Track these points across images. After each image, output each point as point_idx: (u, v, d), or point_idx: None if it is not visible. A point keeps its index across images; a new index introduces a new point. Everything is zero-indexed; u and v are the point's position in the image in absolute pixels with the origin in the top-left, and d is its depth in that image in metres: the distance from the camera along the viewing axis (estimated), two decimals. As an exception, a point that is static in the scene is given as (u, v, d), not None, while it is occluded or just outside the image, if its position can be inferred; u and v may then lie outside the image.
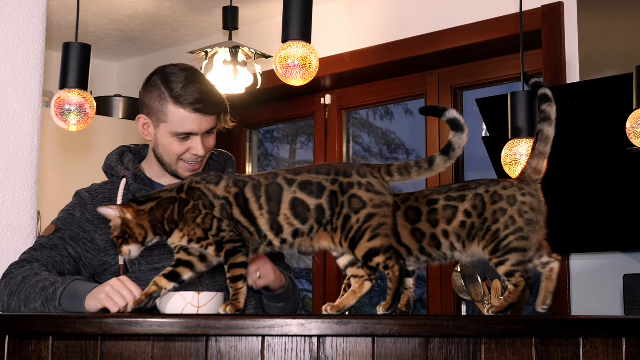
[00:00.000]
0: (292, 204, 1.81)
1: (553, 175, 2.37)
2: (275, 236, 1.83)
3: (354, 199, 1.80)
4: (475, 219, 1.85)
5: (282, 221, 1.81)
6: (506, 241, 1.83)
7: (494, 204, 1.85)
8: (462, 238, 1.86)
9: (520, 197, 1.85)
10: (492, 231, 1.84)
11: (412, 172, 1.83)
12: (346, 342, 1.65)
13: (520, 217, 1.84)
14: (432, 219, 1.86)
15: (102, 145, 4.81)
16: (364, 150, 4.80)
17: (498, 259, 1.84)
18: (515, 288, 1.85)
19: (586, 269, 3.44)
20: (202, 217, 1.83)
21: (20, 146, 2.63)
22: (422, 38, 4.00)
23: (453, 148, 1.82)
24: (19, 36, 2.64)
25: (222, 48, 3.89)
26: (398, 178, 1.84)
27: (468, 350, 1.68)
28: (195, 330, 1.65)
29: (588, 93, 3.15)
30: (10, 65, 2.62)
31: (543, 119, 1.91)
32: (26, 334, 1.73)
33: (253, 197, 1.82)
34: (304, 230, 1.82)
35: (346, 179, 1.82)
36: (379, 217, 1.80)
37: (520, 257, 1.84)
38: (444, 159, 1.82)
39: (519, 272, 1.84)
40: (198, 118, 2.31)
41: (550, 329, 1.74)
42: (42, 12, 2.69)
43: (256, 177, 1.85)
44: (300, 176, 1.83)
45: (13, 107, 2.62)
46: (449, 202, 1.87)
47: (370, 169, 1.84)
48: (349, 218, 1.79)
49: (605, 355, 1.74)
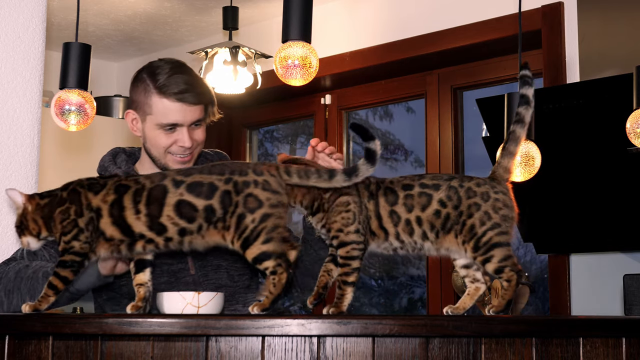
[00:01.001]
0: (177, 206, 1.80)
1: (553, 176, 2.38)
2: (157, 235, 1.81)
3: (249, 198, 1.78)
4: (450, 210, 1.87)
5: (166, 222, 1.80)
6: (486, 237, 1.85)
7: (469, 199, 1.87)
8: (436, 228, 1.88)
9: (494, 194, 1.88)
10: (467, 226, 1.86)
11: (311, 178, 1.83)
12: (346, 342, 1.65)
13: (495, 213, 1.86)
14: (408, 203, 1.88)
15: (102, 145, 4.80)
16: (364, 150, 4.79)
17: (483, 256, 1.86)
18: (509, 283, 1.86)
19: (586, 269, 3.44)
20: (67, 221, 1.82)
21: (20, 146, 2.63)
22: (422, 38, 4.00)
23: (357, 174, 1.82)
24: (19, 36, 2.64)
25: (222, 48, 3.89)
26: (296, 180, 1.83)
27: (468, 350, 1.68)
28: (195, 330, 1.65)
29: (588, 93, 3.15)
30: (10, 65, 2.62)
31: (517, 120, 1.93)
32: (26, 334, 1.73)
33: (130, 204, 1.81)
34: (192, 229, 1.81)
35: (242, 178, 1.80)
36: (275, 218, 1.78)
37: (505, 251, 1.86)
38: (344, 178, 1.82)
39: (508, 267, 1.86)
40: (182, 108, 2.30)
41: (550, 329, 1.74)
42: (42, 12, 2.69)
43: (143, 180, 1.83)
44: (191, 177, 1.81)
45: (13, 107, 2.62)
46: (423, 190, 1.89)
47: (268, 167, 1.83)
48: (244, 217, 1.78)
49: (605, 355, 1.74)
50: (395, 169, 4.70)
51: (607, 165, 3.12)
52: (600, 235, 3.30)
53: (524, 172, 2.24)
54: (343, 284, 1.88)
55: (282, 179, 1.82)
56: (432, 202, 1.88)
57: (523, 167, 2.24)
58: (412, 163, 4.54)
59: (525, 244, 3.97)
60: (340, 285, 1.88)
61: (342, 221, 1.88)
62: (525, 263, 4.18)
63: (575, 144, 3.17)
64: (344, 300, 1.87)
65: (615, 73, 3.20)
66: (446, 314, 1.88)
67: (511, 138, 1.93)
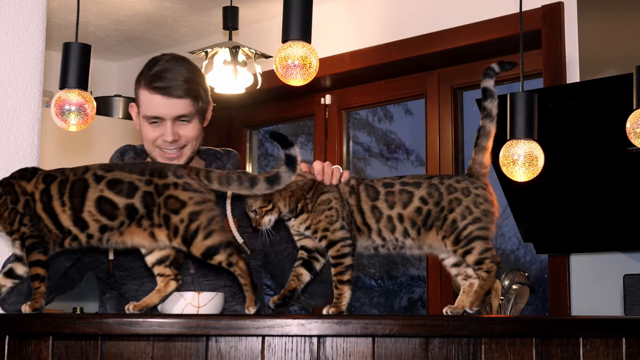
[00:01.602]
0: (98, 202, 1.82)
1: (553, 176, 2.38)
2: (80, 231, 1.84)
3: (170, 200, 1.80)
4: (431, 207, 1.89)
5: (87, 217, 1.82)
6: (466, 231, 1.87)
7: (450, 194, 1.89)
8: (417, 225, 1.89)
9: (474, 189, 1.91)
10: (449, 220, 1.88)
11: (232, 185, 1.84)
12: (346, 342, 1.65)
13: (476, 208, 1.89)
14: (389, 199, 1.91)
15: (102, 145, 4.81)
16: (364, 150, 4.80)
17: (463, 249, 1.87)
18: (488, 274, 1.88)
19: (586, 269, 3.44)
20: (8, 212, 1.85)
21: (20, 146, 2.63)
22: (422, 38, 4.00)
23: (279, 181, 1.82)
24: (19, 36, 2.64)
25: (222, 48, 3.89)
26: (216, 186, 1.84)
27: (468, 350, 1.68)
28: (195, 330, 1.65)
29: (588, 93, 3.15)
30: (10, 65, 2.62)
31: (485, 115, 1.97)
32: (26, 334, 1.73)
33: (57, 194, 1.84)
34: (113, 226, 1.82)
35: (162, 180, 1.82)
36: (206, 213, 1.79)
37: (484, 244, 1.88)
38: (265, 186, 1.82)
39: (488, 259, 1.87)
40: (163, 100, 2.28)
41: (550, 329, 1.74)
42: (42, 12, 2.69)
43: (67, 172, 1.86)
44: (111, 173, 1.83)
45: (13, 107, 2.62)
46: (404, 187, 1.91)
47: (188, 171, 1.84)
48: (169, 218, 1.80)
49: (605, 355, 1.74)
50: (395, 169, 4.70)
51: (607, 165, 3.12)
52: (600, 235, 3.30)
53: (528, 172, 2.23)
54: (339, 284, 1.88)
55: (203, 183, 1.83)
56: (414, 199, 1.90)
57: (527, 167, 2.23)
58: (412, 162, 4.54)
59: (525, 244, 3.97)
60: (336, 285, 1.88)
61: (326, 220, 1.90)
62: (525, 263, 4.18)
63: (575, 144, 3.17)
64: (343, 299, 1.87)
65: (615, 73, 3.20)
66: (446, 314, 1.88)
67: (482, 133, 1.97)
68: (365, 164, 4.78)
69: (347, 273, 1.89)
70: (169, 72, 2.31)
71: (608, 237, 3.28)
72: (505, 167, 2.24)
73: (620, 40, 3.34)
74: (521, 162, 2.21)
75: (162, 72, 2.31)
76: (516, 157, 2.21)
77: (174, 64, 2.34)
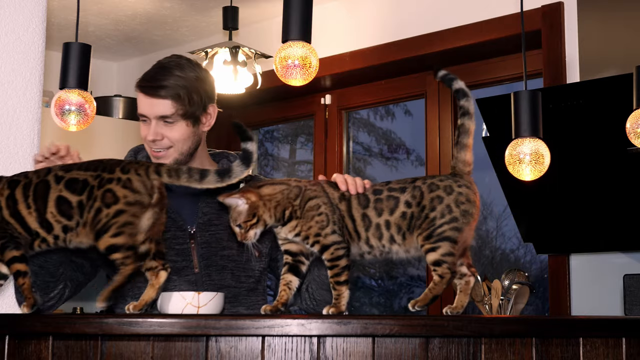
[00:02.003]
0: (57, 202, 1.84)
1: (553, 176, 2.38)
2: (47, 233, 1.86)
3: (108, 194, 1.83)
4: (414, 209, 1.90)
5: (50, 219, 1.85)
6: (440, 229, 1.87)
7: (432, 192, 1.90)
8: (403, 230, 1.90)
9: (457, 187, 1.91)
10: (429, 218, 1.88)
11: (182, 177, 1.86)
12: (346, 342, 1.65)
13: (456, 207, 1.89)
14: (378, 207, 1.91)
15: (102, 145, 4.81)
16: (364, 150, 4.80)
17: (431, 245, 1.87)
18: (441, 279, 1.87)
19: (586, 269, 3.44)
20: None
21: (20, 146, 2.63)
22: (422, 38, 4.00)
23: (230, 175, 1.85)
24: (19, 36, 2.64)
25: (222, 48, 3.89)
26: (166, 179, 1.87)
27: (468, 350, 1.68)
28: (195, 330, 1.65)
29: (588, 93, 3.15)
30: (10, 65, 2.62)
31: (463, 113, 1.96)
32: (26, 334, 1.73)
33: (22, 198, 1.86)
34: (72, 226, 1.85)
35: (108, 175, 1.85)
36: (128, 215, 1.82)
37: (450, 247, 1.87)
38: (216, 179, 1.85)
39: (447, 264, 1.87)
40: (146, 99, 2.33)
41: (550, 329, 1.74)
42: (42, 12, 2.69)
43: (30, 175, 1.89)
44: (70, 173, 1.87)
45: (13, 107, 2.62)
46: (391, 193, 1.92)
47: (137, 166, 1.86)
48: (100, 211, 1.82)
49: (605, 355, 1.74)
50: (396, 168, 4.70)
51: (607, 165, 3.12)
52: (600, 235, 3.30)
53: (534, 170, 2.23)
54: (337, 285, 1.88)
55: (151, 179, 1.85)
56: (399, 205, 1.91)
57: (533, 165, 2.22)
58: (412, 162, 4.54)
59: (525, 244, 3.97)
60: (334, 286, 1.89)
61: (317, 225, 1.90)
62: (525, 263, 4.18)
63: (576, 144, 3.17)
64: (342, 299, 1.87)
65: (615, 73, 3.20)
66: (446, 314, 1.88)
67: (462, 131, 1.96)
68: (365, 164, 4.78)
69: (343, 274, 1.89)
70: (158, 72, 2.35)
71: (608, 237, 3.28)
72: (511, 166, 2.24)
73: (620, 40, 3.34)
74: (527, 161, 2.20)
75: (152, 72, 2.36)
76: (522, 156, 2.21)
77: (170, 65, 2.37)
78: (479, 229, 4.25)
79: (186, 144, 2.36)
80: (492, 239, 4.28)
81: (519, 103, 2.22)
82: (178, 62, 2.38)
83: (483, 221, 4.25)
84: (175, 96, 2.31)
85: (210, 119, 2.41)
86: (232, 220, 1.92)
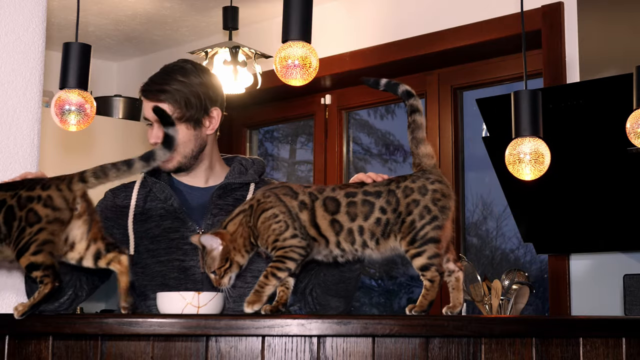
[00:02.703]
0: None
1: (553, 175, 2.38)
2: None
3: (30, 213, 1.85)
4: (390, 215, 1.87)
5: None
6: (423, 231, 1.85)
7: (407, 197, 1.88)
8: (376, 236, 1.88)
9: (430, 185, 1.90)
10: (407, 223, 1.86)
11: (110, 174, 1.89)
12: (346, 342, 1.65)
13: (434, 206, 1.87)
14: (351, 211, 1.89)
15: (102, 145, 4.81)
16: (364, 150, 4.80)
17: (416, 250, 1.85)
18: (432, 284, 1.86)
19: (586, 269, 3.44)
20: None
21: (20, 146, 2.63)
22: (422, 38, 4.00)
23: (154, 158, 1.88)
24: (19, 36, 2.64)
25: (222, 48, 3.89)
26: (94, 182, 1.90)
27: (468, 350, 1.68)
28: (195, 330, 1.65)
29: (588, 93, 3.15)
30: (10, 65, 2.62)
31: (413, 110, 1.97)
32: (26, 334, 1.73)
33: None
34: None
35: (27, 193, 1.87)
36: (47, 233, 1.84)
37: (435, 248, 1.86)
38: (142, 164, 1.89)
39: (435, 266, 1.86)
40: (147, 103, 2.39)
41: (550, 329, 1.74)
42: (42, 12, 2.69)
43: None
44: None
45: (13, 107, 2.62)
46: (366, 197, 1.89)
47: (59, 182, 1.89)
48: (24, 230, 1.84)
49: (605, 355, 1.74)
50: (394, 171, 4.70)
51: (607, 165, 3.12)
52: (600, 235, 3.30)
53: (534, 169, 2.23)
54: (270, 275, 1.86)
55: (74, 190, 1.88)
56: (374, 211, 1.88)
57: (533, 165, 2.22)
58: (410, 164, 4.55)
59: (525, 244, 3.97)
60: (267, 275, 1.86)
61: (274, 233, 1.88)
62: (525, 263, 4.18)
63: (575, 144, 3.17)
64: (266, 289, 1.85)
65: (615, 73, 3.20)
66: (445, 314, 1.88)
67: (415, 127, 1.97)
68: (365, 164, 4.78)
69: (283, 272, 1.86)
70: (158, 76, 2.40)
71: (608, 237, 3.28)
72: (511, 165, 2.24)
73: (620, 40, 3.34)
74: (527, 160, 2.20)
75: (155, 76, 2.41)
76: (522, 155, 2.21)
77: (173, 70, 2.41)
78: (479, 228, 4.25)
79: (188, 147, 2.39)
80: (492, 239, 4.28)
81: (519, 103, 2.22)
82: (182, 66, 2.42)
83: (483, 221, 4.25)
84: (173, 100, 2.36)
85: (214, 122, 2.45)
86: (206, 267, 1.92)
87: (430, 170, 1.93)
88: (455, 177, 4.06)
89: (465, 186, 4.12)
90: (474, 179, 4.17)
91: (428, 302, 1.85)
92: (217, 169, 2.49)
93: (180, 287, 2.31)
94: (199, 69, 2.44)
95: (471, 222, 4.19)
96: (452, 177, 4.04)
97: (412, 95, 1.98)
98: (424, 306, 1.84)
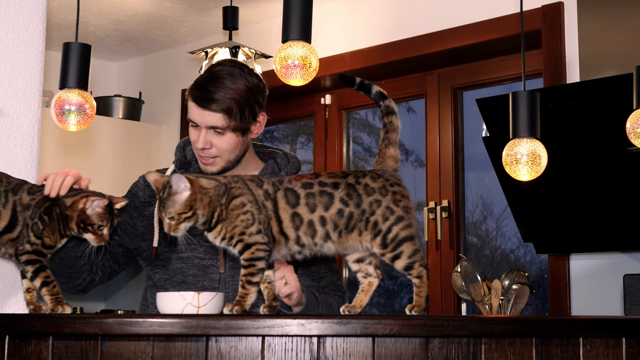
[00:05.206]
0: None
1: (553, 176, 2.38)
2: None
3: None
4: (353, 209, 1.86)
5: None
6: (392, 233, 1.85)
7: (369, 196, 1.86)
8: (340, 228, 1.86)
9: (390, 187, 1.88)
10: (370, 222, 1.85)
11: None
12: (346, 342, 1.65)
13: (396, 206, 1.86)
14: (310, 202, 1.86)
15: (102, 145, 4.81)
16: (364, 150, 4.80)
17: (392, 253, 1.85)
18: (420, 280, 1.87)
19: (586, 269, 3.44)
20: None
21: (20, 146, 2.63)
22: (422, 38, 4.00)
23: None
24: (19, 36, 2.64)
25: (222, 48, 3.89)
26: None
27: (468, 350, 1.68)
28: (195, 330, 1.65)
29: (588, 93, 3.15)
30: (10, 65, 2.62)
31: (388, 112, 1.98)
32: (26, 334, 1.73)
33: None
34: None
35: None
36: None
37: (412, 245, 1.86)
38: None
39: (417, 262, 1.86)
40: (198, 110, 2.32)
41: (550, 329, 1.74)
42: (42, 12, 2.69)
43: None
44: None
45: (13, 107, 2.62)
46: (323, 188, 1.87)
47: None
48: None
49: (605, 355, 1.74)
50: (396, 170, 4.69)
51: (607, 165, 3.12)
52: (600, 235, 3.30)
53: (531, 170, 2.23)
54: (247, 284, 1.83)
55: None
56: (334, 201, 1.86)
57: (529, 166, 2.22)
58: (412, 163, 4.54)
59: (525, 244, 3.97)
60: (244, 285, 1.83)
61: (242, 224, 1.83)
62: (525, 263, 4.18)
63: (575, 144, 3.17)
64: (248, 299, 1.83)
65: (615, 73, 3.20)
66: (344, 313, 1.86)
67: (390, 128, 1.97)
68: (365, 164, 4.78)
69: (257, 275, 1.83)
70: (209, 83, 2.33)
71: (608, 237, 3.28)
72: (508, 166, 2.24)
73: (620, 40, 3.34)
74: (524, 161, 2.20)
75: (204, 81, 2.34)
76: (519, 156, 2.21)
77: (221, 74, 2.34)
78: (479, 228, 4.25)
79: (233, 154, 2.38)
80: (492, 239, 4.28)
81: (517, 103, 2.22)
82: (230, 71, 2.35)
83: (483, 221, 4.25)
84: (227, 110, 2.31)
85: (259, 127, 2.42)
86: (163, 209, 1.81)
87: (391, 172, 1.92)
88: (455, 177, 4.06)
89: (465, 186, 4.12)
90: (474, 179, 4.16)
91: (423, 298, 1.86)
92: (251, 166, 2.47)
93: (198, 284, 2.31)
94: (247, 72, 2.38)
95: (471, 222, 4.19)
96: (452, 177, 4.04)
97: (385, 97, 1.99)
98: (421, 304, 1.85)
